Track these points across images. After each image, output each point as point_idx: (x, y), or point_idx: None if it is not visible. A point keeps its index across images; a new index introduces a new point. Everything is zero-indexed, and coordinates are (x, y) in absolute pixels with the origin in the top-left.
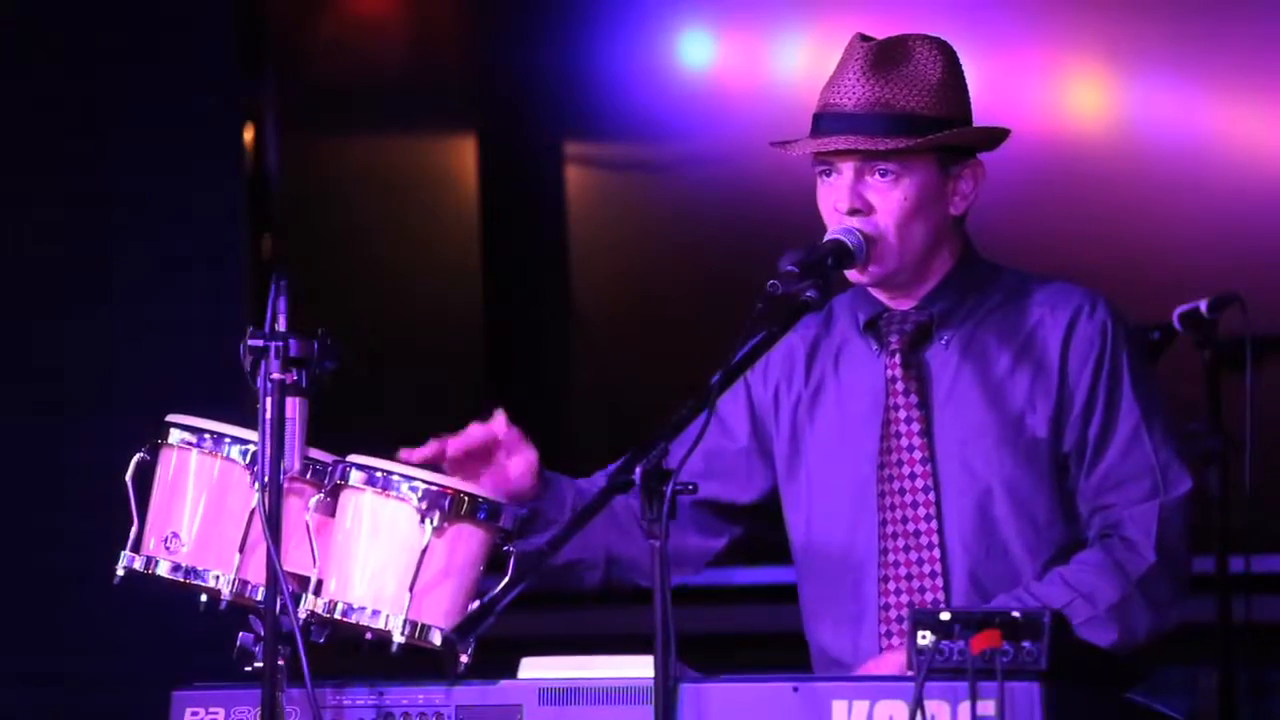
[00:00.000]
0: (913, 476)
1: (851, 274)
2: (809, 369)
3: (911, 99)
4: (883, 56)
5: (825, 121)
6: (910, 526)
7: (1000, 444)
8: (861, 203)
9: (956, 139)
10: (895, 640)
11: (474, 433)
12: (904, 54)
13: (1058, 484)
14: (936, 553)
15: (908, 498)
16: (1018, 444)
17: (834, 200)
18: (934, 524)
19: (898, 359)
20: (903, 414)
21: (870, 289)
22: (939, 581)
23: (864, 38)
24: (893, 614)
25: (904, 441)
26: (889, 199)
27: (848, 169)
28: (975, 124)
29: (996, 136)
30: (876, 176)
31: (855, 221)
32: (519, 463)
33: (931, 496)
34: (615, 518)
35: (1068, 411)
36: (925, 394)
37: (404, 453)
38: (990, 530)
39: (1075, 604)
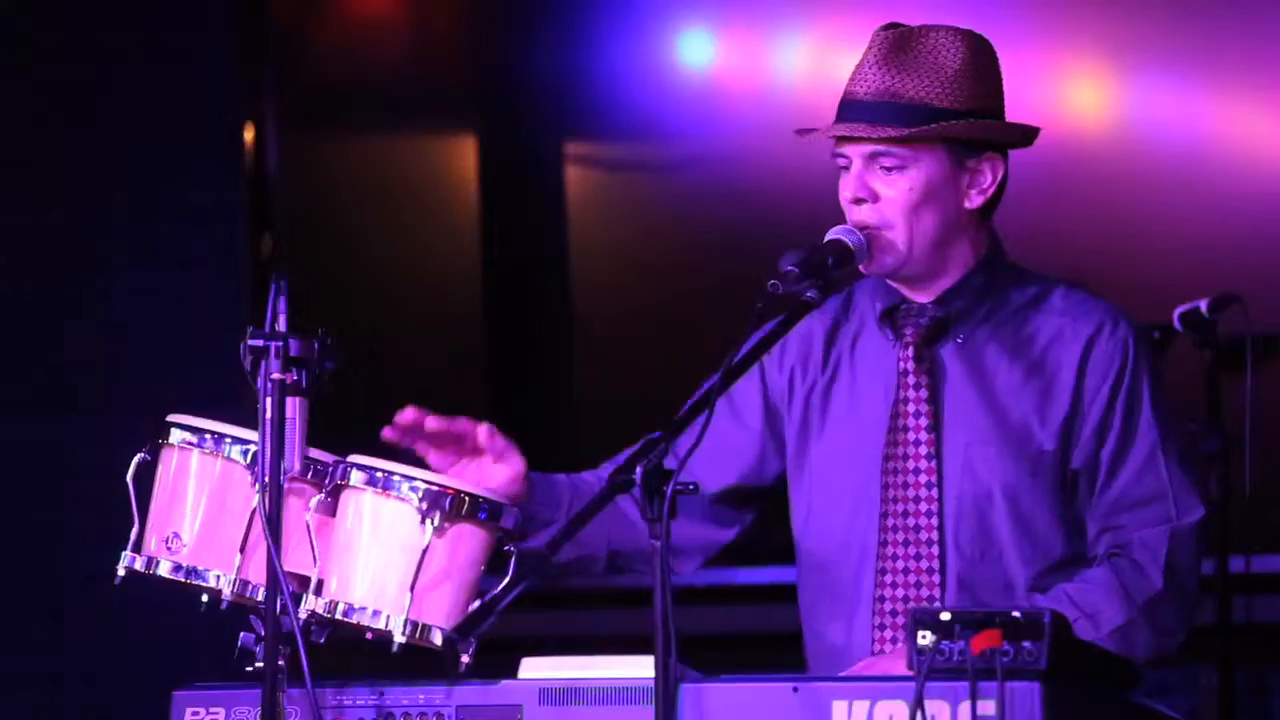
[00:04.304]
0: (917, 471)
1: (859, 268)
2: (827, 353)
3: (922, 89)
4: (898, 45)
5: (841, 110)
6: (911, 521)
7: (1005, 451)
8: (867, 192)
9: (964, 130)
10: (889, 634)
11: (460, 422)
12: (921, 43)
13: (1061, 498)
14: (935, 549)
15: (910, 492)
16: (1023, 453)
17: (843, 190)
18: (935, 520)
19: (911, 352)
20: (912, 408)
21: (888, 279)
22: (936, 579)
23: (889, 26)
24: (887, 607)
25: (911, 436)
26: (895, 188)
27: (857, 158)
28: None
29: (1018, 131)
30: (883, 165)
31: (861, 211)
32: (505, 470)
33: (934, 493)
34: (617, 510)
35: (1080, 428)
36: (936, 390)
37: (387, 432)
38: (987, 535)
39: (1079, 624)
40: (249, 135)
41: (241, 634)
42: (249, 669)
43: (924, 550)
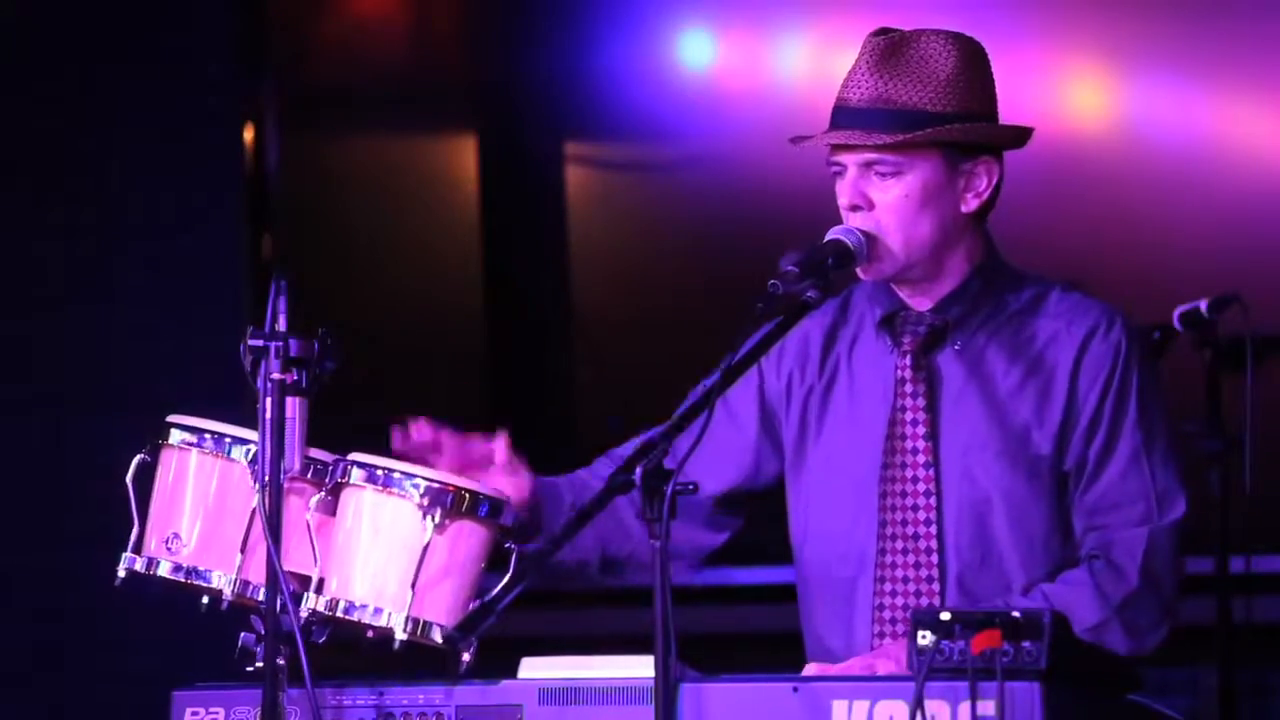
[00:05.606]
0: (914, 480)
1: (858, 271)
2: (824, 358)
3: (915, 94)
4: (890, 51)
5: (834, 117)
6: (909, 530)
7: (1002, 456)
8: (862, 199)
9: (957, 134)
10: (888, 642)
11: (475, 445)
12: (913, 48)
13: (1059, 500)
14: (934, 558)
15: (908, 500)
16: (1020, 458)
17: (840, 197)
18: (933, 529)
19: (908, 360)
20: (909, 415)
21: (890, 284)
22: (935, 587)
23: (880, 31)
24: (886, 615)
25: (908, 444)
26: (890, 195)
27: (852, 165)
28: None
29: (1011, 133)
30: (878, 172)
31: (857, 218)
32: (514, 485)
33: (932, 501)
34: (612, 513)
35: (1072, 429)
36: (934, 397)
37: (398, 440)
38: (986, 540)
39: None
40: (248, 135)
41: (241, 634)
42: (249, 669)
43: (923, 558)
